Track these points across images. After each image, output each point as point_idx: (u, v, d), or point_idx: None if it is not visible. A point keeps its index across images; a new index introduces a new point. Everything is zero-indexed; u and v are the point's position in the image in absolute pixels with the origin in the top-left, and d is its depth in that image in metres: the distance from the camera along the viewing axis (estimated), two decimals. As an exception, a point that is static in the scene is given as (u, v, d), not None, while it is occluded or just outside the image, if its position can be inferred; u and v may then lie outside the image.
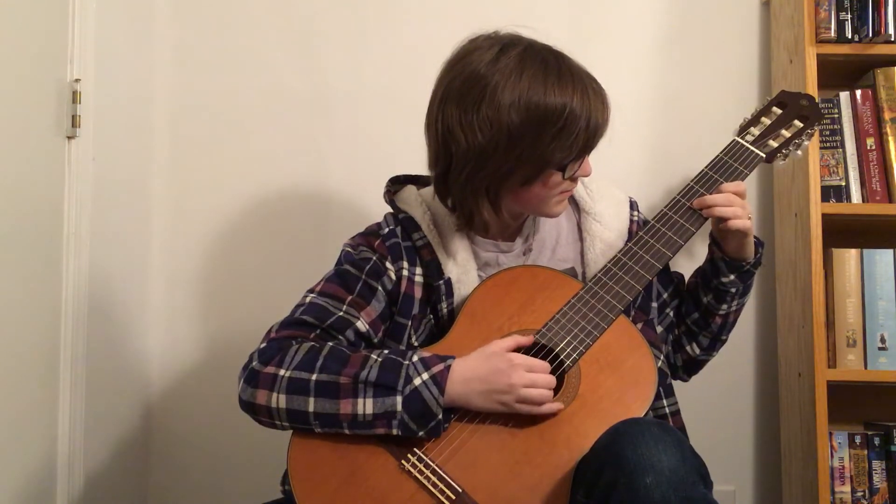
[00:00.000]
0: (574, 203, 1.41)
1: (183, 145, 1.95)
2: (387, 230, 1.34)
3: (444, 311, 1.30)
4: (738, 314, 1.42)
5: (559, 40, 1.31)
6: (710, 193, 1.31)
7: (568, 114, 1.20)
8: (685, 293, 1.44)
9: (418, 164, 1.43)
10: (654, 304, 1.38)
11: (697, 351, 1.42)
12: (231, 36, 1.96)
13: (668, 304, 1.42)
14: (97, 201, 1.68)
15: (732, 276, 1.35)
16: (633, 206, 1.42)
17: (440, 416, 1.15)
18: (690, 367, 1.46)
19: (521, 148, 1.22)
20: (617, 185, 1.45)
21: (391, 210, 1.38)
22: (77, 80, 1.63)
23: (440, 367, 1.17)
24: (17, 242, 1.48)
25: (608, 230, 1.37)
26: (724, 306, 1.38)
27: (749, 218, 1.30)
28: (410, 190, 1.39)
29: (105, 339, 1.73)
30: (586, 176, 1.32)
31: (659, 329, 1.38)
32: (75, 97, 1.62)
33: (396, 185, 1.41)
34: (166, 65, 1.95)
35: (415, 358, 1.18)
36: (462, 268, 1.32)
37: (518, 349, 1.21)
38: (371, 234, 1.35)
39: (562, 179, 1.26)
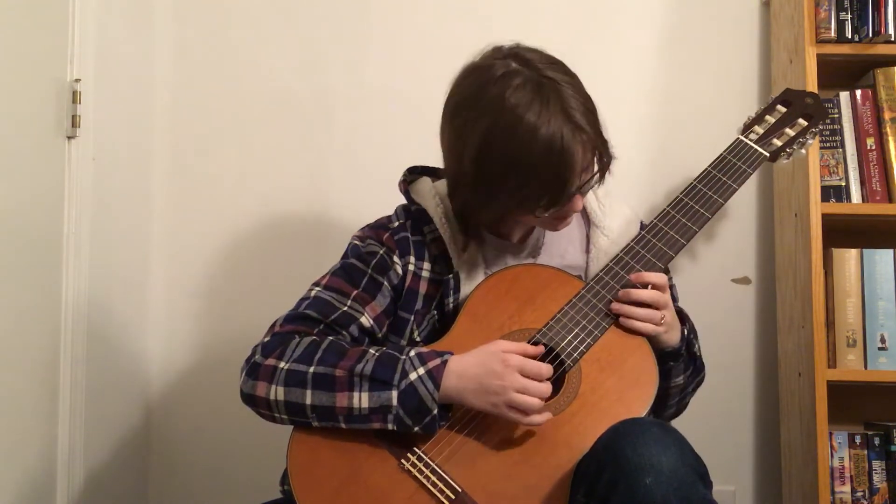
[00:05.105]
0: (585, 215, 1.40)
1: (183, 145, 1.95)
2: (396, 224, 1.33)
3: (451, 306, 1.30)
4: (663, 395, 1.30)
5: (559, 41, 1.31)
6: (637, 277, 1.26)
7: (532, 167, 1.18)
8: None
9: (419, 164, 1.43)
10: None
11: None
12: (231, 36, 1.96)
13: None
14: (97, 201, 1.68)
15: None
16: (643, 226, 1.42)
17: (435, 412, 1.15)
18: None
19: (486, 188, 1.22)
20: (626, 201, 1.44)
21: (402, 203, 1.37)
22: (77, 80, 1.63)
23: (436, 362, 1.17)
24: (17, 242, 1.48)
25: (615, 245, 1.35)
26: None
27: (661, 321, 1.24)
28: (425, 182, 1.38)
29: (105, 339, 1.73)
30: (575, 212, 1.29)
31: None
32: (75, 97, 1.62)
33: (413, 175, 1.40)
34: (166, 65, 1.95)
35: (412, 353, 1.18)
36: (470, 264, 1.32)
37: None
38: (380, 227, 1.35)
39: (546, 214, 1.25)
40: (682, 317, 1.33)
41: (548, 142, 1.17)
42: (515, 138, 1.17)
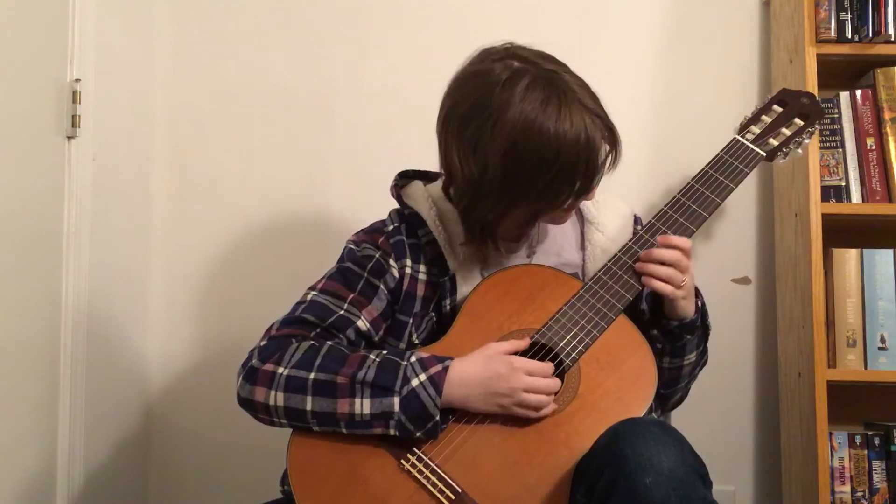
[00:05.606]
0: (578, 212, 1.40)
1: (183, 145, 1.95)
2: (391, 227, 1.33)
3: (448, 307, 1.30)
4: (676, 375, 1.32)
5: (559, 41, 1.31)
6: (656, 246, 1.26)
7: (563, 162, 1.18)
8: None
9: (419, 165, 1.43)
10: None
11: None
12: (231, 36, 1.96)
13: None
14: (97, 201, 1.68)
15: (654, 331, 1.29)
16: (636, 220, 1.42)
17: (437, 418, 1.15)
18: None
19: (513, 193, 1.21)
20: (622, 198, 1.44)
21: (395, 207, 1.37)
22: (77, 80, 1.63)
23: (438, 368, 1.17)
24: (17, 242, 1.48)
25: (610, 241, 1.36)
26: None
27: (682, 284, 1.24)
28: (417, 185, 1.37)
29: (105, 339, 1.73)
30: (589, 200, 1.31)
31: None
32: (75, 97, 1.62)
33: (404, 179, 1.40)
34: (166, 65, 1.95)
35: (413, 359, 1.18)
36: (466, 266, 1.32)
37: (514, 353, 1.20)
38: (375, 231, 1.34)
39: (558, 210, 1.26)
40: (695, 290, 1.33)
41: (576, 136, 1.17)
42: (543, 139, 1.17)
